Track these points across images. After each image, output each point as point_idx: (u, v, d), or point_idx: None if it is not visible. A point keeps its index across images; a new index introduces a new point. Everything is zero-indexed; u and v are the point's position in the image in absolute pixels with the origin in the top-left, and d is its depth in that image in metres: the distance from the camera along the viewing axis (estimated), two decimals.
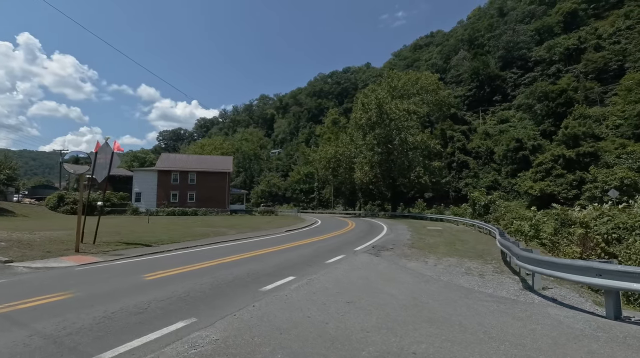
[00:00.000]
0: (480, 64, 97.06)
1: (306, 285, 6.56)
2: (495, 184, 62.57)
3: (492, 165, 67.78)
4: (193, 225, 22.95)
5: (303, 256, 10.27)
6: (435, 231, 21.76)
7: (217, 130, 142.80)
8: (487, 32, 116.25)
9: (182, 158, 47.13)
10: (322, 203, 67.11)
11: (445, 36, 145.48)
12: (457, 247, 13.99)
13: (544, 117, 71.20)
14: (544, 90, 72.86)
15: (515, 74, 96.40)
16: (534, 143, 62.09)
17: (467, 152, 71.44)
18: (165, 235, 15.64)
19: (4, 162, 31.75)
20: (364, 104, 39.13)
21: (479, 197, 28.53)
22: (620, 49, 78.75)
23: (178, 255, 10.54)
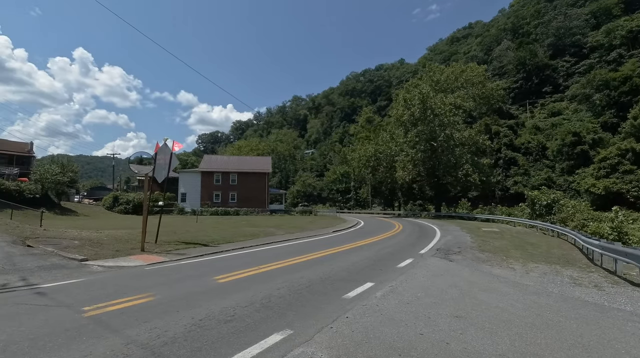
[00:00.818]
0: (527, 53, 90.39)
1: (392, 293, 5.88)
2: (549, 182, 57.69)
3: (545, 161, 62.67)
4: (239, 224, 23.15)
5: (368, 259, 9.59)
6: (493, 233, 20.09)
7: (252, 132, 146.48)
8: (534, 19, 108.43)
9: (223, 159, 48.47)
10: (359, 203, 65.98)
11: (485, 26, 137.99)
12: (531, 251, 12.57)
13: (604, 107, 64.66)
14: (604, 78, 66.12)
15: (567, 63, 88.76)
16: (594, 136, 56.45)
17: (515, 148, 66.71)
18: (217, 234, 15.71)
19: (67, 165, 34.39)
20: (406, 99, 37.54)
21: (539, 196, 26.08)
22: None
23: (238, 255, 10.32)
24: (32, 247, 9.89)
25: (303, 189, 77.07)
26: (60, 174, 32.93)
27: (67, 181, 33.68)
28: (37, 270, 7.33)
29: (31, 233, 12.15)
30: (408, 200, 55.96)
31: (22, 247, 9.80)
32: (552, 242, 16.88)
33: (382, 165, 44.04)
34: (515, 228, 24.07)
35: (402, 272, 7.80)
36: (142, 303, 5.15)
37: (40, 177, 32.17)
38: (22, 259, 8.19)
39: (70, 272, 7.37)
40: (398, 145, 40.76)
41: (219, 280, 6.72)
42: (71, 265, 8.07)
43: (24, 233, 12.17)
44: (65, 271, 7.45)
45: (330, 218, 34.50)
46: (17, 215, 23.22)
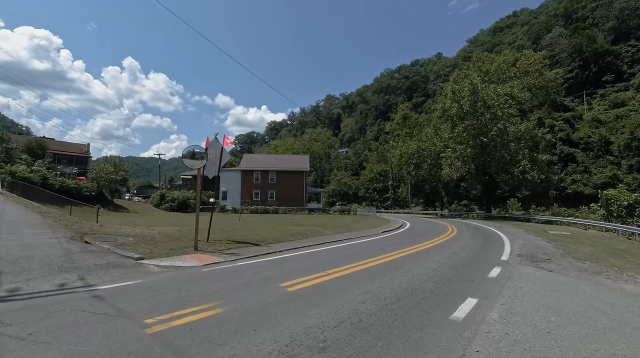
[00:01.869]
0: (583, 39, 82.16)
1: (511, 314, 4.59)
2: (615, 180, 51.62)
3: (609, 157, 56.37)
4: (282, 223, 22.58)
5: (445, 266, 8.27)
6: (566, 237, 17.68)
7: (286, 132, 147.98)
8: (590, 2, 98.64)
9: (262, 158, 48.72)
10: (397, 203, 63.59)
11: (532, 14, 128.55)
12: (635, 260, 10.46)
13: None
14: None
15: (634, 47, 79.52)
16: None
17: (572, 143, 60.73)
18: (265, 233, 15.09)
19: (119, 165, 36.15)
20: (455, 91, 34.95)
21: (617, 196, 22.80)
22: None
23: (294, 257, 9.45)
24: (90, 243, 9.73)
25: (338, 188, 75.95)
26: (113, 172, 34.69)
27: (119, 179, 35.41)
28: (94, 269, 6.91)
29: (89, 230, 12.21)
30: (452, 199, 52.76)
31: (80, 243, 9.67)
32: None
33: (426, 162, 41.61)
34: (590, 232, 21.20)
35: (499, 283, 6.42)
36: (210, 316, 4.33)
37: (96, 175, 34.06)
38: (80, 256, 7.89)
39: (127, 272, 6.88)
40: (443, 141, 38.20)
41: (288, 288, 5.81)
42: (127, 264, 7.62)
43: (82, 229, 12.26)
44: (122, 271, 6.97)
45: (373, 218, 33.07)
46: (75, 212, 24.47)
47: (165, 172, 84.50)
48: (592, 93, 78.85)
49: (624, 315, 4.61)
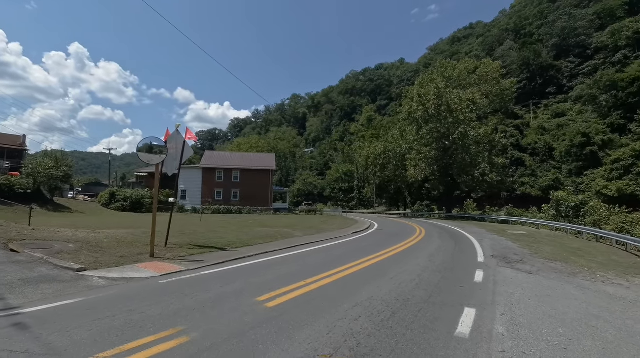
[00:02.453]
0: (531, 53, 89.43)
1: (517, 326, 4.23)
2: (557, 184, 56.63)
3: (552, 162, 61.67)
4: (247, 224, 21.39)
5: (428, 270, 7.93)
6: (525, 236, 18.61)
7: (250, 130, 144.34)
8: (537, 19, 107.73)
9: (226, 155, 46.55)
10: (362, 203, 64.37)
11: (486, 27, 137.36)
12: (594, 258, 11.02)
13: (611, 109, 63.74)
14: (612, 79, 65.25)
15: (572, 64, 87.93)
16: (603, 138, 55.47)
17: (521, 148, 65.65)
18: (231, 236, 13.98)
19: (61, 159, 32.29)
20: (421, 95, 35.93)
21: (566, 198, 24.66)
22: None
23: (267, 263, 8.59)
24: (17, 252, 8.09)
25: (304, 188, 75.30)
26: (54, 168, 30.82)
27: (61, 176, 31.56)
28: (19, 285, 5.56)
29: (17, 234, 10.32)
30: (415, 200, 54.46)
31: (3, 251, 8.01)
32: (598, 246, 15.43)
33: (392, 163, 42.38)
34: (543, 231, 22.62)
35: (488, 289, 6.15)
36: (172, 348, 3.42)
37: (32, 171, 30.04)
38: (1, 269, 6.40)
39: (64, 288, 5.62)
40: (408, 142, 39.15)
41: (266, 303, 5.00)
42: (65, 277, 6.30)
43: (9, 234, 10.34)
44: (58, 286, 5.68)
45: (340, 219, 32.83)
46: (6, 212, 21.25)
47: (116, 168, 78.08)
48: (537, 103, 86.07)
49: (626, 323, 4.45)
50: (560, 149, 60.10)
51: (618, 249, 14.85)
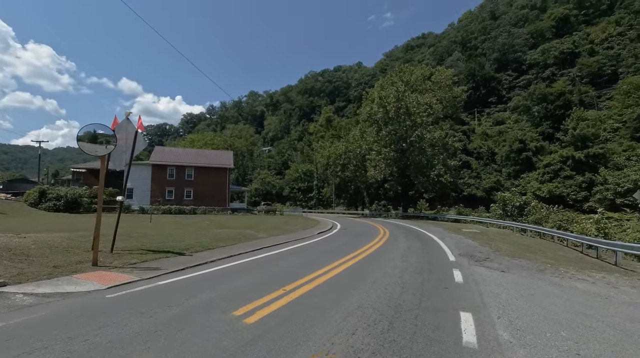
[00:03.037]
0: (476, 65, 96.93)
1: (516, 330, 4.03)
2: (498, 185, 61.88)
3: (494, 166, 67.19)
4: (204, 225, 19.89)
5: (407, 271, 7.71)
6: (480, 234, 19.65)
7: (205, 126, 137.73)
8: (481, 34, 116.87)
9: (178, 152, 43.36)
10: (321, 203, 64.46)
11: (437, 38, 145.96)
12: (547, 254, 11.82)
13: (542, 119, 71.28)
14: (543, 92, 72.96)
15: (510, 77, 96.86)
16: (536, 144, 61.71)
17: (468, 152, 70.64)
18: (188, 239, 12.70)
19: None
20: (382, 97, 36.78)
21: (511, 198, 26.76)
22: (614, 54, 79.83)
23: (234, 269, 7.74)
24: None
25: (262, 187, 73.45)
26: None
27: None
28: None
29: None
30: (373, 200, 55.81)
31: None
32: (543, 243, 16.72)
33: (352, 164, 42.88)
34: (492, 229, 24.18)
35: (472, 290, 6.03)
36: None
37: None
38: None
39: None
40: (368, 143, 39.92)
41: (244, 319, 4.27)
42: None
43: None
44: None
45: (301, 219, 32.25)
46: None
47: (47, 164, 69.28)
48: (481, 111, 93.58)
49: (616, 321, 4.51)
50: (501, 153, 65.79)
51: (560, 245, 16.23)
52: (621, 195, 40.34)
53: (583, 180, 46.46)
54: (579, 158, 48.05)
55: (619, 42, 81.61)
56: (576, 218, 21.09)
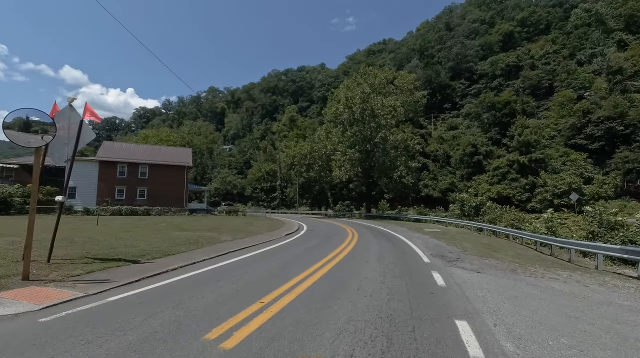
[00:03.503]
0: (432, 72, 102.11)
1: (517, 338, 3.85)
2: (452, 186, 65.50)
3: (449, 168, 71.03)
4: (161, 228, 18.27)
5: (388, 275, 7.43)
6: (442, 233, 20.33)
7: (160, 122, 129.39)
8: (437, 44, 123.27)
9: (130, 148, 39.85)
10: (284, 203, 63.46)
11: (397, 44, 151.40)
12: (508, 253, 12.36)
13: (491, 125, 76.81)
14: (491, 101, 78.64)
15: (463, 85, 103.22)
16: (486, 149, 66.29)
17: (426, 155, 73.90)
18: (142, 243, 11.41)
19: None
20: (348, 98, 36.94)
21: (468, 199, 28.20)
22: (550, 69, 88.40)
23: (200, 278, 6.90)
24: None
25: (222, 187, 70.57)
26: None
27: None
28: None
29: None
30: (337, 200, 56.11)
31: None
32: (500, 241, 17.65)
33: (317, 164, 42.62)
34: (453, 229, 25.22)
35: (457, 294, 5.88)
36: None
37: None
38: None
39: None
40: (334, 144, 39.93)
41: (221, 344, 3.60)
42: None
43: None
44: None
45: (265, 220, 31.25)
46: None
47: None
48: (437, 116, 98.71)
49: (605, 323, 4.54)
50: (455, 156, 69.78)
51: (515, 243, 17.23)
52: (558, 196, 44.59)
53: (526, 183, 50.71)
54: (523, 162, 52.38)
55: (554, 59, 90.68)
56: (526, 218, 22.72)
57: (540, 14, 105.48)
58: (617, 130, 56.01)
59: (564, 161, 51.19)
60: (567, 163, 49.94)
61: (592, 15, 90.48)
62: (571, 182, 43.83)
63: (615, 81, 67.91)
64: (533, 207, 46.23)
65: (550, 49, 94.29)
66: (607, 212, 14.06)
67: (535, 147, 54.83)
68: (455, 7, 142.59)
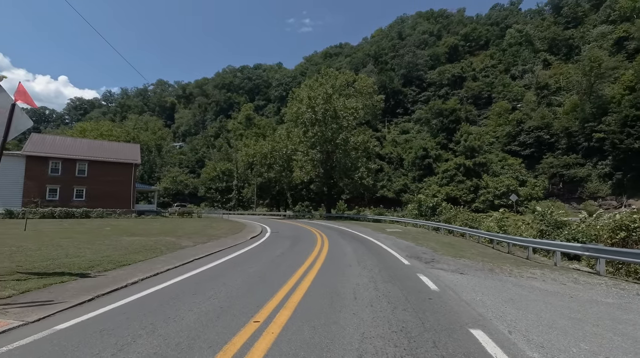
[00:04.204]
0: (386, 78, 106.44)
1: (539, 346, 3.73)
2: (405, 188, 68.65)
3: (402, 170, 74.38)
4: (106, 232, 16.12)
5: (378, 280, 7.13)
6: (405, 233, 20.86)
7: (100, 115, 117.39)
8: (390, 51, 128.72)
9: (66, 142, 34.96)
10: (241, 204, 61.11)
11: (353, 49, 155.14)
12: (471, 251, 12.92)
13: (439, 130, 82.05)
14: (440, 107, 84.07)
15: (414, 92, 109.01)
16: (436, 152, 70.58)
17: (381, 157, 76.54)
18: (89, 252, 9.81)
19: None
20: (311, 98, 36.50)
21: (425, 200, 29.50)
22: (489, 82, 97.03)
23: (168, 293, 5.93)
24: None
25: (173, 187, 65.90)
26: None
27: None
28: None
29: None
30: (296, 201, 55.46)
31: None
32: (459, 240, 18.53)
33: (278, 164, 41.56)
34: (413, 229, 26.10)
35: (454, 299, 5.75)
36: None
37: None
38: None
39: None
40: (295, 144, 39.31)
41: None
42: None
43: None
44: None
45: (224, 221, 29.57)
46: None
47: None
48: (390, 120, 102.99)
49: (607, 324, 4.64)
50: (408, 159, 73.29)
51: (472, 242, 18.20)
52: (498, 197, 48.83)
53: (471, 184, 54.88)
54: (469, 165, 56.64)
55: (492, 72, 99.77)
56: (477, 218, 24.33)
57: (481, 31, 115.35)
58: (544, 139, 63.27)
59: (503, 165, 56.36)
60: (506, 167, 55.03)
61: (523, 36, 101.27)
62: (509, 184, 48.28)
63: (542, 95, 76.73)
64: (477, 207, 50.13)
65: (489, 63, 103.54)
66: (556, 213, 15.44)
67: (478, 152, 59.57)
68: (406, 17, 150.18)
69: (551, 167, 58.25)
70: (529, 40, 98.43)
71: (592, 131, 54.67)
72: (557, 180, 58.20)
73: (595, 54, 58.81)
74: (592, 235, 12.26)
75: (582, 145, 57.35)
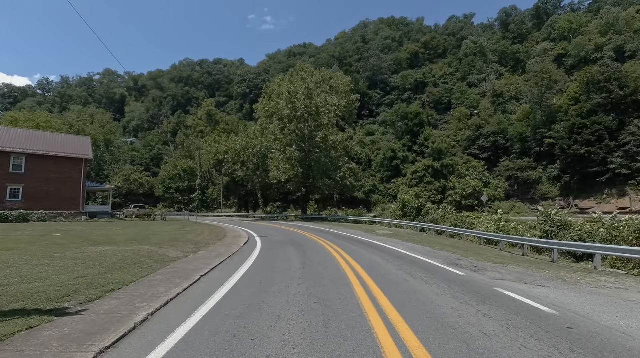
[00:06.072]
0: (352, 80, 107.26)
1: None
2: (374, 189, 69.16)
3: (370, 171, 74.92)
4: (60, 241, 12.86)
5: (465, 303, 5.73)
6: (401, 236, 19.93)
7: (35, 104, 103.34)
8: (355, 54, 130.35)
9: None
10: (205, 205, 56.79)
11: (317, 49, 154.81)
12: (489, 254, 12.22)
13: (404, 133, 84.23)
14: (405, 111, 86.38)
15: (379, 95, 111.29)
16: (403, 154, 72.10)
17: (350, 158, 76.43)
18: (52, 271, 7.21)
19: None
20: (291, 92, 34.32)
21: (410, 200, 29.10)
22: (449, 88, 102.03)
23: (204, 337, 4.01)
24: None
25: (125, 186, 59.40)
26: None
27: None
28: None
29: None
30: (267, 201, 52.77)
31: None
32: (459, 242, 18.03)
33: (252, 162, 38.83)
34: (403, 230, 25.41)
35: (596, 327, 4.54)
36: None
37: None
38: None
39: None
40: (270, 141, 36.98)
41: None
42: None
43: None
44: None
45: (197, 225, 26.44)
46: None
47: None
48: (356, 122, 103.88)
49: None
50: (376, 160, 74.02)
51: (470, 243, 17.77)
52: (465, 198, 50.69)
53: (440, 186, 56.54)
54: (437, 167, 58.34)
55: (451, 80, 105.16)
56: (465, 219, 24.29)
57: (439, 40, 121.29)
58: (500, 143, 67.56)
59: (468, 168, 58.91)
60: (470, 169, 57.56)
61: (477, 47, 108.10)
62: (475, 185, 50.37)
63: (498, 103, 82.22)
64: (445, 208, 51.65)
65: (447, 71, 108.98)
66: (559, 214, 15.42)
67: (445, 155, 61.71)
68: (369, 22, 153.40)
69: (507, 169, 62.18)
70: (483, 52, 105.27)
71: (543, 137, 59.31)
72: (512, 182, 62.32)
73: (546, 66, 64.02)
74: (612, 236, 12.18)
75: (534, 150, 61.98)
